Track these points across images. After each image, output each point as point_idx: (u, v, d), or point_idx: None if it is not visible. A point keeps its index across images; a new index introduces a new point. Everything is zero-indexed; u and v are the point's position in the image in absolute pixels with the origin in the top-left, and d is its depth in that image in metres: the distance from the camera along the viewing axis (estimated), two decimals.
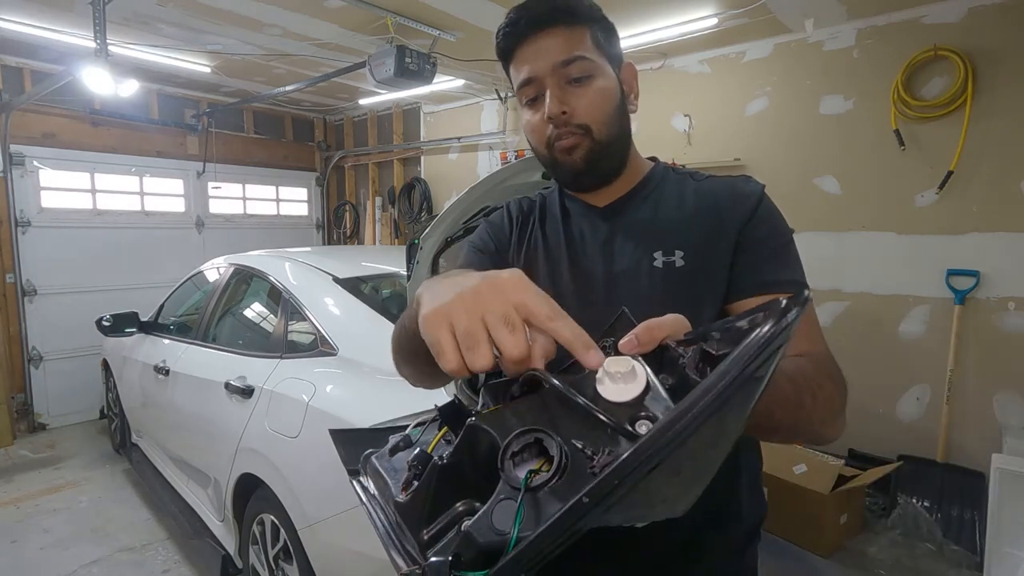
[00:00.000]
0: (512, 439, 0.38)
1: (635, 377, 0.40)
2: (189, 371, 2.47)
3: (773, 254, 0.78)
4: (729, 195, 0.81)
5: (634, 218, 0.85)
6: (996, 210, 2.67)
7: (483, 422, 0.41)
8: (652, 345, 0.45)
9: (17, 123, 4.14)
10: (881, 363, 2.98)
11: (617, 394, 0.39)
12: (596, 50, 0.78)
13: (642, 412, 0.38)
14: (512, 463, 0.38)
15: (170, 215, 5.07)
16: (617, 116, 0.80)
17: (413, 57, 3.13)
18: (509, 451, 0.38)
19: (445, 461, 0.43)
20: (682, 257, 0.79)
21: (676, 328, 0.47)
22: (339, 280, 2.13)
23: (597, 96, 0.78)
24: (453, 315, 0.43)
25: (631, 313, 0.53)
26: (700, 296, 0.78)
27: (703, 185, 0.85)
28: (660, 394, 0.39)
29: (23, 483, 3.45)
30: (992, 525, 2.32)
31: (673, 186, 0.86)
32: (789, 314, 0.33)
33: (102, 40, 2.88)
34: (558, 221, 0.90)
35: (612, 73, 0.81)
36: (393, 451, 0.51)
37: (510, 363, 0.42)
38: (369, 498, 0.51)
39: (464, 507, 0.42)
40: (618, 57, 0.83)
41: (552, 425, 0.39)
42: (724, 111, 3.48)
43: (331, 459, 1.71)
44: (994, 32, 2.62)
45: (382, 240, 5.63)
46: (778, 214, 0.81)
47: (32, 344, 4.31)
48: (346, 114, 6.00)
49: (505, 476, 0.37)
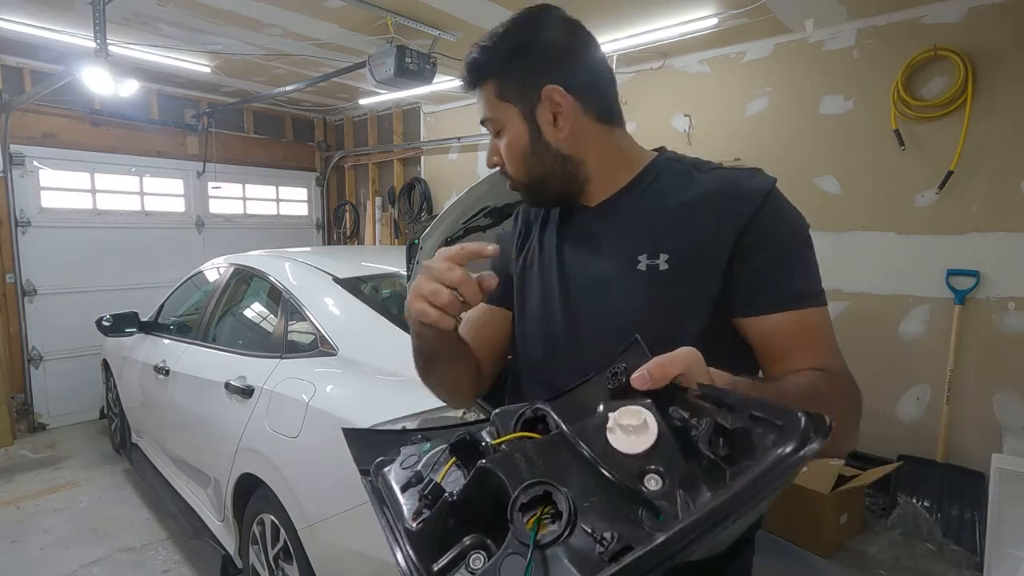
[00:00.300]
0: (521, 491, 0.39)
1: (646, 430, 0.40)
2: (189, 371, 2.47)
3: (783, 261, 0.73)
4: (731, 193, 0.76)
5: (623, 218, 0.82)
6: (996, 210, 2.67)
7: (494, 467, 0.42)
8: (664, 382, 0.45)
9: (17, 123, 4.14)
10: (881, 363, 2.98)
11: (628, 445, 0.40)
12: (501, 102, 0.81)
13: (651, 466, 0.39)
14: (521, 514, 0.38)
15: (170, 215, 5.07)
16: (532, 158, 0.81)
17: (413, 57, 3.13)
18: (518, 503, 0.38)
19: (455, 499, 0.44)
20: (667, 260, 0.76)
21: (689, 364, 0.47)
22: (339, 280, 2.13)
23: (507, 150, 0.83)
24: (419, 290, 0.69)
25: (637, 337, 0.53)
26: (682, 303, 0.75)
27: (706, 179, 0.79)
28: (672, 447, 0.39)
29: (23, 483, 3.45)
30: (992, 525, 2.32)
31: (672, 181, 0.81)
32: (807, 448, 0.33)
33: (102, 40, 2.88)
34: (555, 224, 0.90)
35: (519, 119, 0.80)
36: (405, 487, 0.51)
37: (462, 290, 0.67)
38: (380, 503, 0.53)
39: (472, 541, 0.43)
40: (532, 89, 0.79)
41: (561, 474, 0.40)
42: (724, 111, 3.48)
43: (331, 459, 1.72)
44: (994, 32, 2.62)
45: (382, 240, 5.63)
46: (788, 213, 0.76)
47: (32, 344, 4.31)
48: (346, 114, 6.01)
49: (514, 530, 0.38)
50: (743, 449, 0.37)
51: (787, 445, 0.33)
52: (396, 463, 0.56)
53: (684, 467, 0.39)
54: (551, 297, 0.86)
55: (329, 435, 1.64)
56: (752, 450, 0.36)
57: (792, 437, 0.34)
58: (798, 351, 0.72)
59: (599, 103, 0.82)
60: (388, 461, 0.57)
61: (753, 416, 0.38)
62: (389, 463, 0.57)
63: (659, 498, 0.37)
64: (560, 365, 0.85)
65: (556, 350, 0.85)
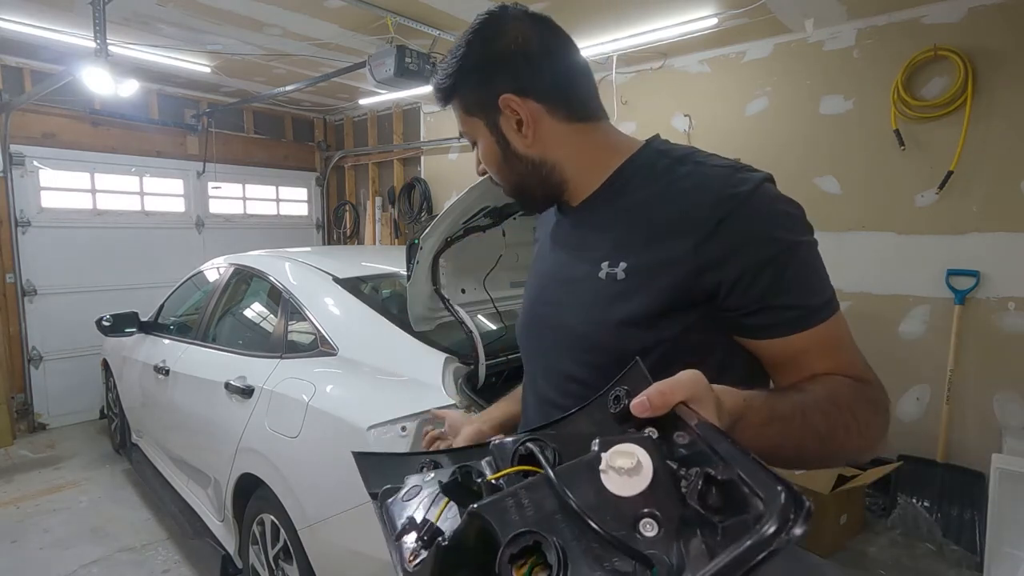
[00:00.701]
0: (510, 541, 0.39)
1: (640, 471, 0.39)
2: (189, 371, 2.47)
3: (787, 272, 0.66)
4: (710, 195, 0.68)
5: (594, 220, 0.79)
6: (996, 210, 2.67)
7: (483, 512, 0.42)
8: (665, 410, 0.44)
9: (17, 123, 4.14)
10: (881, 363, 2.93)
11: (622, 488, 0.39)
12: (468, 116, 0.82)
13: (645, 509, 0.38)
14: (510, 566, 0.38)
15: (170, 215, 5.07)
16: (505, 165, 0.82)
17: (413, 57, 3.13)
18: (507, 554, 0.38)
19: (447, 543, 0.44)
20: (624, 270, 0.71)
21: (692, 390, 0.46)
22: (339, 280, 2.13)
23: (485, 159, 0.84)
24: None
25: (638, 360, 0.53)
26: (637, 315, 0.70)
27: (689, 176, 0.71)
28: (667, 491, 0.39)
29: (23, 483, 3.45)
30: (992, 525, 2.32)
31: (649, 178, 0.75)
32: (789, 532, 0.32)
33: (102, 40, 2.88)
34: (550, 225, 0.91)
35: (486, 129, 0.80)
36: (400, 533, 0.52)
37: None
38: (391, 531, 0.54)
39: None
40: (491, 101, 0.77)
41: (551, 519, 0.39)
42: (724, 111, 3.48)
43: (331, 459, 1.72)
44: (994, 32, 2.62)
45: (382, 240, 5.63)
46: (777, 214, 0.68)
47: (32, 344, 4.31)
48: (346, 114, 6.01)
49: None
50: (734, 504, 0.37)
51: (769, 526, 0.32)
52: (400, 494, 0.57)
53: (680, 510, 0.38)
54: (532, 300, 0.89)
55: (329, 435, 1.65)
56: (742, 507, 0.36)
57: (772, 516, 0.33)
58: (816, 361, 0.68)
59: (567, 103, 0.77)
60: (394, 490, 0.58)
61: (737, 475, 0.37)
62: (394, 492, 0.57)
63: (654, 546, 0.37)
64: (537, 369, 0.87)
65: (534, 354, 0.88)
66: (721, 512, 0.37)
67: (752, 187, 0.67)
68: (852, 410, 0.61)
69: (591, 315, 0.75)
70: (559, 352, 0.81)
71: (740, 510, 0.36)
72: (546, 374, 0.85)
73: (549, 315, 0.84)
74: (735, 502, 0.36)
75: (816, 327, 0.66)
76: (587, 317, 0.76)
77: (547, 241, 0.91)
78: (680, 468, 0.41)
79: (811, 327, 0.66)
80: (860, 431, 0.61)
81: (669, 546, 0.37)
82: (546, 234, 0.92)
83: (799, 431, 0.59)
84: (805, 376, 0.67)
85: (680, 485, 0.40)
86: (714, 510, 0.37)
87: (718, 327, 0.70)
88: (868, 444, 0.62)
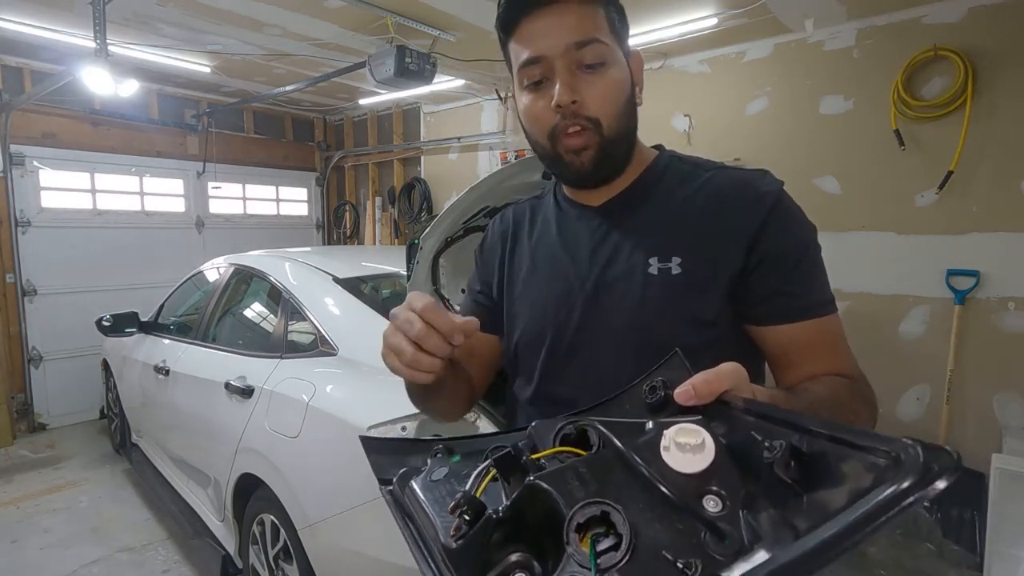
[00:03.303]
0: (577, 510, 0.38)
1: (703, 449, 0.39)
2: (189, 371, 2.47)
3: (801, 269, 0.71)
4: (740, 195, 0.72)
5: (630, 219, 0.77)
6: (996, 210, 2.67)
7: (546, 483, 0.41)
8: (710, 399, 0.44)
9: (17, 123, 4.14)
10: (881, 363, 2.98)
11: (684, 464, 0.38)
12: (611, 34, 0.71)
13: (710, 487, 0.38)
14: (577, 535, 0.37)
15: (170, 215, 5.07)
16: (627, 110, 0.74)
17: (413, 57, 3.13)
18: (574, 523, 0.37)
19: (500, 515, 0.43)
20: (679, 264, 0.72)
21: (735, 381, 0.46)
22: (339, 280, 2.13)
23: (611, 87, 0.71)
24: (386, 344, 0.65)
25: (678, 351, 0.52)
26: (697, 308, 0.72)
27: (712, 180, 0.76)
28: (730, 469, 0.38)
29: (23, 483, 3.45)
30: (992, 525, 2.32)
31: (677, 181, 0.78)
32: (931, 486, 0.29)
33: (102, 40, 2.88)
34: (551, 227, 0.85)
35: (624, 62, 0.73)
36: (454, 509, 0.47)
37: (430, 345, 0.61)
38: (403, 516, 0.51)
39: (518, 558, 0.42)
40: (626, 46, 0.75)
41: (615, 493, 0.39)
42: (724, 111, 3.48)
43: (331, 459, 1.72)
44: (994, 32, 2.62)
45: (382, 240, 5.63)
46: (799, 216, 0.74)
47: (32, 344, 4.31)
48: (346, 114, 6.00)
49: (571, 552, 0.37)
50: (823, 476, 0.35)
51: (904, 480, 0.30)
52: (423, 475, 0.54)
53: (744, 488, 0.38)
54: (551, 302, 0.81)
55: (329, 435, 1.65)
56: (837, 478, 0.34)
57: (911, 472, 0.31)
58: (816, 358, 0.71)
59: None
60: (414, 472, 0.55)
61: (836, 440, 0.36)
62: (415, 474, 0.55)
63: (721, 520, 0.36)
64: (559, 372, 0.81)
65: (555, 357, 0.81)
66: (806, 487, 0.36)
67: (779, 189, 0.74)
68: (852, 407, 0.65)
69: (642, 314, 0.73)
70: (594, 354, 0.77)
71: (833, 483, 0.35)
72: (567, 379, 0.79)
73: (589, 320, 0.78)
74: (827, 476, 0.35)
75: (819, 319, 0.71)
76: (644, 314, 0.73)
77: (542, 248, 0.85)
78: (763, 440, 0.40)
79: (816, 317, 0.71)
80: (861, 424, 0.65)
81: (736, 522, 0.36)
82: (529, 245, 0.87)
83: None
84: (805, 376, 0.71)
85: (755, 455, 0.39)
86: (797, 482, 0.36)
87: (737, 318, 0.74)
88: None
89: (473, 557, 0.43)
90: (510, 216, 0.93)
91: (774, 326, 0.72)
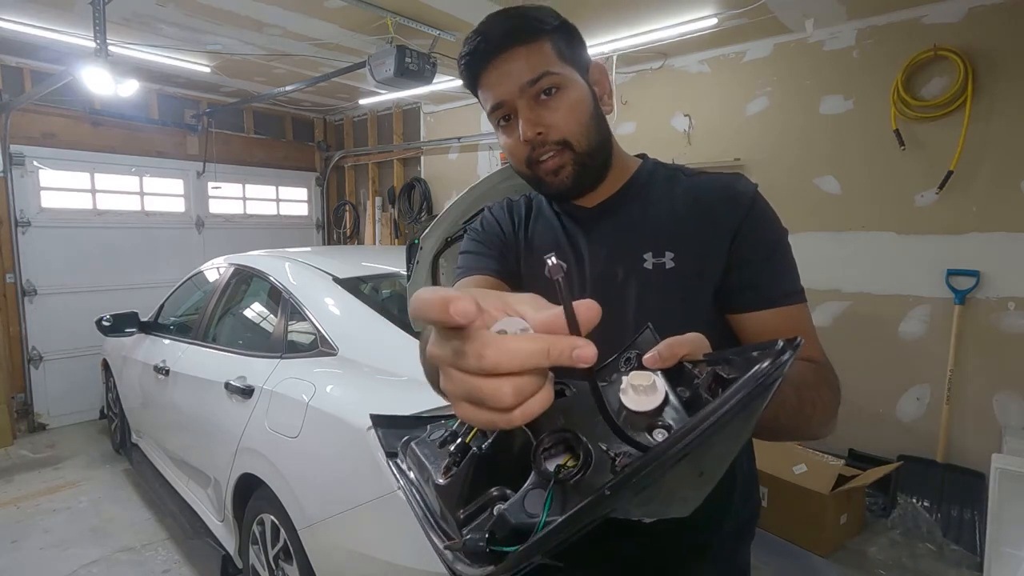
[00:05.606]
0: (545, 436, 0.43)
1: (655, 391, 0.44)
2: (189, 371, 2.47)
3: (771, 261, 0.78)
4: (722, 195, 0.79)
5: (623, 219, 0.83)
6: (996, 210, 2.67)
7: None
8: (673, 361, 0.48)
9: (17, 123, 4.14)
10: (881, 363, 2.98)
11: (638, 404, 0.44)
12: (560, 61, 0.76)
13: (659, 421, 0.44)
14: (543, 458, 0.43)
15: (170, 215, 5.07)
16: (594, 123, 0.79)
17: (413, 57, 3.13)
18: (541, 447, 0.43)
19: (482, 451, 0.49)
20: (672, 259, 0.78)
21: (696, 346, 0.50)
22: (339, 280, 2.13)
23: (571, 108, 0.76)
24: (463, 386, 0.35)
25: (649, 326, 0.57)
26: (690, 299, 0.78)
27: (694, 183, 0.83)
28: (676, 406, 0.44)
29: (23, 483, 3.45)
30: (992, 525, 2.32)
31: (662, 184, 0.84)
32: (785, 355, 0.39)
33: (102, 40, 2.88)
34: (551, 222, 0.89)
35: (580, 80, 0.78)
36: (442, 444, 0.56)
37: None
38: (407, 481, 0.57)
39: (497, 492, 0.47)
40: (584, 60, 0.80)
41: (579, 427, 0.44)
42: (724, 111, 3.48)
43: (331, 459, 1.72)
44: (994, 32, 2.62)
45: (382, 240, 5.63)
46: (772, 215, 0.80)
47: (32, 344, 4.31)
48: (346, 114, 6.01)
49: (537, 468, 0.42)
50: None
51: (764, 361, 0.38)
52: (423, 436, 0.61)
53: (686, 415, 0.44)
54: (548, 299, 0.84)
55: (329, 435, 1.65)
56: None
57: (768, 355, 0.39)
58: None
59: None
60: (415, 437, 0.61)
61: (747, 359, 0.43)
62: (415, 438, 0.61)
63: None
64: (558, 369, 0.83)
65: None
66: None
67: (755, 191, 0.80)
68: (817, 389, 0.69)
69: (646, 305, 0.78)
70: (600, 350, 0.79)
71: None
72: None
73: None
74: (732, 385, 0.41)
75: (789, 307, 0.77)
76: (643, 308, 0.78)
77: (546, 243, 0.87)
78: (695, 367, 0.47)
79: (786, 306, 0.77)
80: (824, 407, 0.69)
81: None
82: (535, 235, 0.89)
83: (776, 404, 0.64)
84: None
85: (693, 385, 0.46)
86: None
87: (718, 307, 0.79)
88: (828, 417, 0.70)
89: (459, 490, 0.49)
90: (509, 206, 0.95)
91: (749, 313, 0.77)
